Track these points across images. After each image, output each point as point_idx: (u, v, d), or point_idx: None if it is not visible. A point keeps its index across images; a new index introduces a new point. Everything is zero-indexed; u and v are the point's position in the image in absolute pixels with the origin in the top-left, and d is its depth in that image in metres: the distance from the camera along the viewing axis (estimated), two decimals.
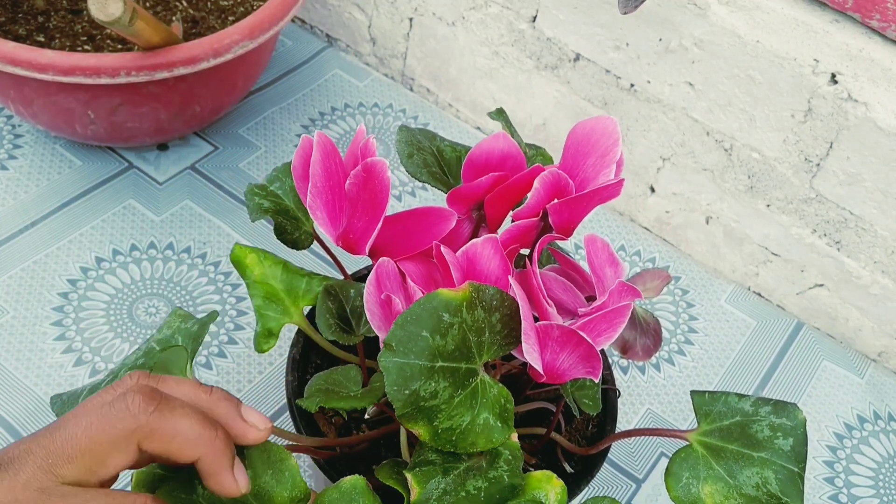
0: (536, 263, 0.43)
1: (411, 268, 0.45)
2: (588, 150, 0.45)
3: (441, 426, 0.41)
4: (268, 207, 0.53)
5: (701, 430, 0.48)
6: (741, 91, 0.77)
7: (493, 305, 0.42)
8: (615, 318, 0.42)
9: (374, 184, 0.43)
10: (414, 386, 0.40)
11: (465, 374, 0.42)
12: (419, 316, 0.40)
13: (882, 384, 0.81)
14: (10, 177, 0.84)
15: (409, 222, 0.46)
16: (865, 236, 0.78)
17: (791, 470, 0.47)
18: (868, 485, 0.74)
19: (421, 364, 0.40)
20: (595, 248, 0.45)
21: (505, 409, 0.43)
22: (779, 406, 0.49)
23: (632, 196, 0.92)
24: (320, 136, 0.44)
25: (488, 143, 0.48)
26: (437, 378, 0.40)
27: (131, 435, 0.36)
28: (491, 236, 0.43)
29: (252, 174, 0.89)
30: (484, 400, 0.42)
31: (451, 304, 0.41)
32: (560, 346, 0.42)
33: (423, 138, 0.54)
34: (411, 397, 0.40)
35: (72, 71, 0.73)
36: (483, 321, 0.42)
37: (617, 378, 0.78)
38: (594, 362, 0.42)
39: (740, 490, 0.46)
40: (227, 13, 0.89)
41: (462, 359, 0.41)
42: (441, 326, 0.41)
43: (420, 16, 0.96)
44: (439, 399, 0.41)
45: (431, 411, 0.40)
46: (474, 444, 0.41)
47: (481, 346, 0.42)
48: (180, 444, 0.37)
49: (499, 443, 0.42)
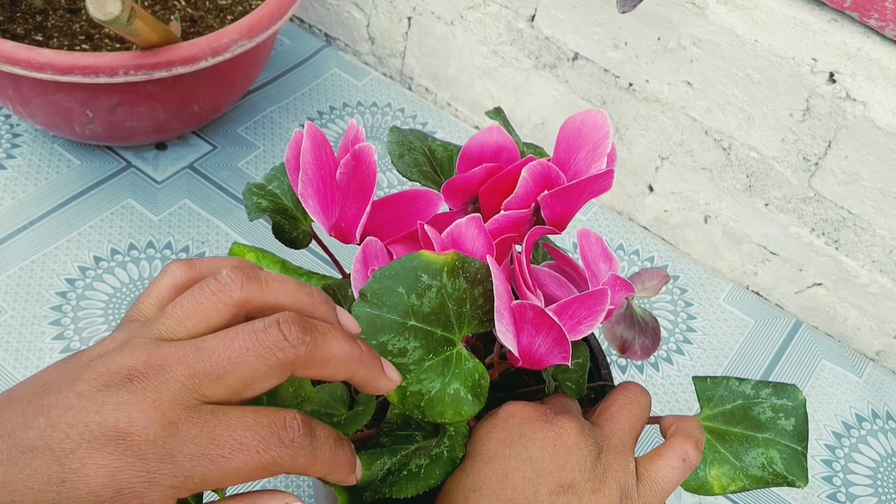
0: (525, 252, 0.43)
1: (400, 250, 0.46)
2: (579, 143, 0.45)
3: (409, 388, 0.41)
4: (266, 206, 0.53)
5: (704, 414, 0.49)
6: (740, 90, 0.77)
7: (476, 279, 0.42)
8: (595, 304, 0.42)
9: (362, 169, 0.44)
10: (382, 338, 0.40)
11: (440, 341, 0.42)
12: (397, 272, 0.41)
13: (880, 383, 0.81)
14: (8, 176, 0.84)
15: (397, 206, 0.46)
16: (864, 235, 0.78)
17: (795, 449, 0.47)
18: (866, 483, 0.74)
19: (392, 318, 0.40)
20: (588, 243, 0.45)
21: (479, 384, 0.43)
22: (779, 388, 0.49)
23: (630, 195, 0.92)
24: (310, 126, 0.44)
25: (482, 135, 0.48)
26: (408, 336, 0.41)
27: (290, 364, 0.35)
28: (475, 216, 0.43)
29: (251, 173, 0.89)
30: (457, 371, 0.42)
31: (432, 266, 0.41)
32: (535, 328, 0.42)
33: (415, 138, 0.54)
34: (378, 349, 0.40)
35: (70, 70, 0.72)
36: (465, 292, 0.42)
37: (616, 377, 0.78)
38: (565, 346, 0.42)
39: (746, 471, 0.47)
40: (225, 12, 0.89)
41: (438, 325, 0.42)
42: (418, 286, 0.41)
43: (419, 15, 0.96)
44: (408, 358, 0.41)
45: (400, 370, 0.41)
46: (442, 414, 0.41)
47: (461, 318, 0.42)
48: (335, 367, 0.37)
49: (468, 416, 0.42)
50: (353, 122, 0.46)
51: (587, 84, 0.87)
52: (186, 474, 0.32)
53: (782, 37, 0.73)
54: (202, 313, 0.35)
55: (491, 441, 0.42)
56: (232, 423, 0.33)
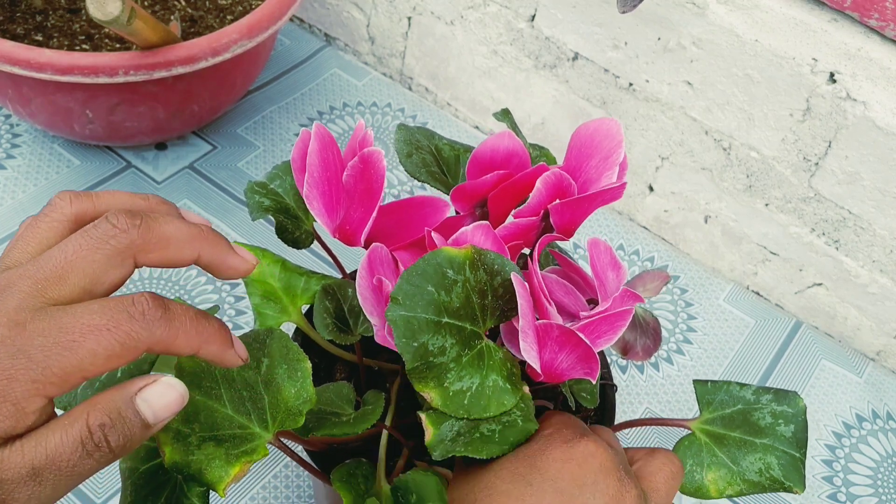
0: (537, 262, 0.43)
1: (406, 256, 0.46)
2: (591, 151, 0.45)
3: (452, 387, 0.40)
4: (268, 206, 0.53)
5: (703, 418, 0.49)
6: (740, 90, 0.77)
7: (494, 269, 0.42)
8: (616, 321, 0.42)
9: (370, 173, 0.44)
10: (422, 339, 0.40)
11: (470, 336, 0.42)
12: (424, 270, 0.40)
13: (881, 383, 0.81)
14: (8, 176, 0.84)
15: (404, 212, 0.46)
16: (864, 235, 0.78)
17: (793, 455, 0.48)
18: (867, 483, 0.74)
19: (427, 318, 0.40)
20: (598, 252, 0.45)
21: (512, 372, 0.43)
22: (780, 394, 0.49)
23: (630, 195, 0.92)
24: (318, 127, 0.44)
25: (493, 140, 0.48)
26: (444, 334, 0.40)
27: (126, 249, 0.36)
28: (482, 223, 0.43)
29: (251, 173, 0.89)
30: (491, 362, 0.42)
31: (455, 260, 0.41)
32: (559, 346, 0.42)
33: (422, 137, 0.54)
34: (420, 350, 0.40)
35: (70, 70, 0.72)
36: (485, 283, 0.42)
37: (616, 377, 0.78)
38: (592, 364, 0.42)
39: (743, 476, 0.47)
40: (225, 12, 0.89)
41: (467, 319, 0.41)
42: (446, 282, 0.41)
43: (419, 15, 0.96)
44: (448, 356, 0.40)
45: (441, 369, 0.40)
46: (486, 408, 0.41)
47: (485, 310, 0.42)
48: (176, 246, 0.37)
49: (510, 406, 0.42)
50: (362, 122, 0.46)
51: (587, 84, 0.87)
52: (43, 365, 0.32)
53: (782, 37, 0.73)
54: (40, 236, 0.37)
55: (564, 473, 0.41)
56: (79, 311, 0.34)
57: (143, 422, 0.35)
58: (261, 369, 0.43)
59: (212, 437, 0.41)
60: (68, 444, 0.33)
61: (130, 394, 0.35)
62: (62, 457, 0.33)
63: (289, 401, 0.42)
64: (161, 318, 0.35)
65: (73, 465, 0.33)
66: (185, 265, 0.38)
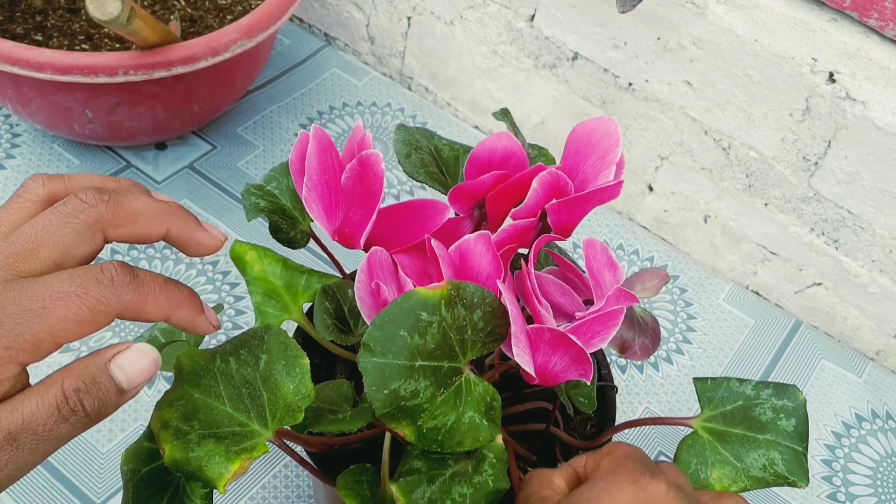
0: (533, 264, 0.43)
1: (405, 261, 0.45)
2: (588, 150, 0.45)
3: (425, 426, 0.40)
4: (264, 207, 0.53)
5: (705, 416, 0.49)
6: (739, 90, 0.77)
7: (473, 303, 0.41)
8: (609, 321, 0.42)
9: (368, 176, 0.43)
10: (393, 385, 0.39)
11: (448, 373, 0.41)
12: (396, 315, 0.40)
13: (880, 383, 0.81)
14: (7, 176, 0.84)
15: (403, 215, 0.46)
16: (863, 235, 0.78)
17: (795, 449, 0.48)
18: (866, 483, 0.74)
19: (400, 363, 0.40)
20: (594, 252, 0.45)
21: (491, 406, 0.42)
22: (779, 388, 0.49)
23: (630, 195, 0.92)
24: (317, 129, 0.44)
25: (491, 141, 0.48)
26: (417, 377, 0.40)
27: (95, 224, 0.37)
28: (484, 233, 0.43)
29: (250, 173, 0.89)
30: (469, 398, 0.41)
31: (429, 302, 0.40)
32: (552, 348, 0.42)
33: (421, 137, 0.54)
34: (390, 397, 0.39)
35: (69, 70, 0.72)
36: (464, 319, 0.41)
37: (615, 377, 0.78)
38: (585, 366, 0.42)
39: (748, 473, 0.47)
40: (225, 12, 0.89)
41: (444, 357, 0.41)
42: (419, 325, 0.40)
43: (418, 14, 0.96)
44: (421, 398, 0.40)
45: (414, 411, 0.40)
46: (461, 444, 0.41)
47: (464, 345, 0.41)
48: (145, 221, 0.38)
49: (486, 441, 0.41)
50: (360, 123, 0.45)
51: (587, 84, 0.87)
52: (14, 332, 0.33)
53: (782, 36, 0.73)
54: (13, 216, 0.38)
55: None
56: (49, 280, 0.35)
57: (117, 387, 0.36)
58: (259, 366, 0.43)
59: (211, 434, 0.41)
60: (44, 409, 0.34)
61: (104, 360, 0.36)
62: (38, 421, 0.34)
63: (287, 397, 0.42)
64: (130, 284, 0.36)
65: (50, 429, 0.34)
66: (154, 241, 0.39)
